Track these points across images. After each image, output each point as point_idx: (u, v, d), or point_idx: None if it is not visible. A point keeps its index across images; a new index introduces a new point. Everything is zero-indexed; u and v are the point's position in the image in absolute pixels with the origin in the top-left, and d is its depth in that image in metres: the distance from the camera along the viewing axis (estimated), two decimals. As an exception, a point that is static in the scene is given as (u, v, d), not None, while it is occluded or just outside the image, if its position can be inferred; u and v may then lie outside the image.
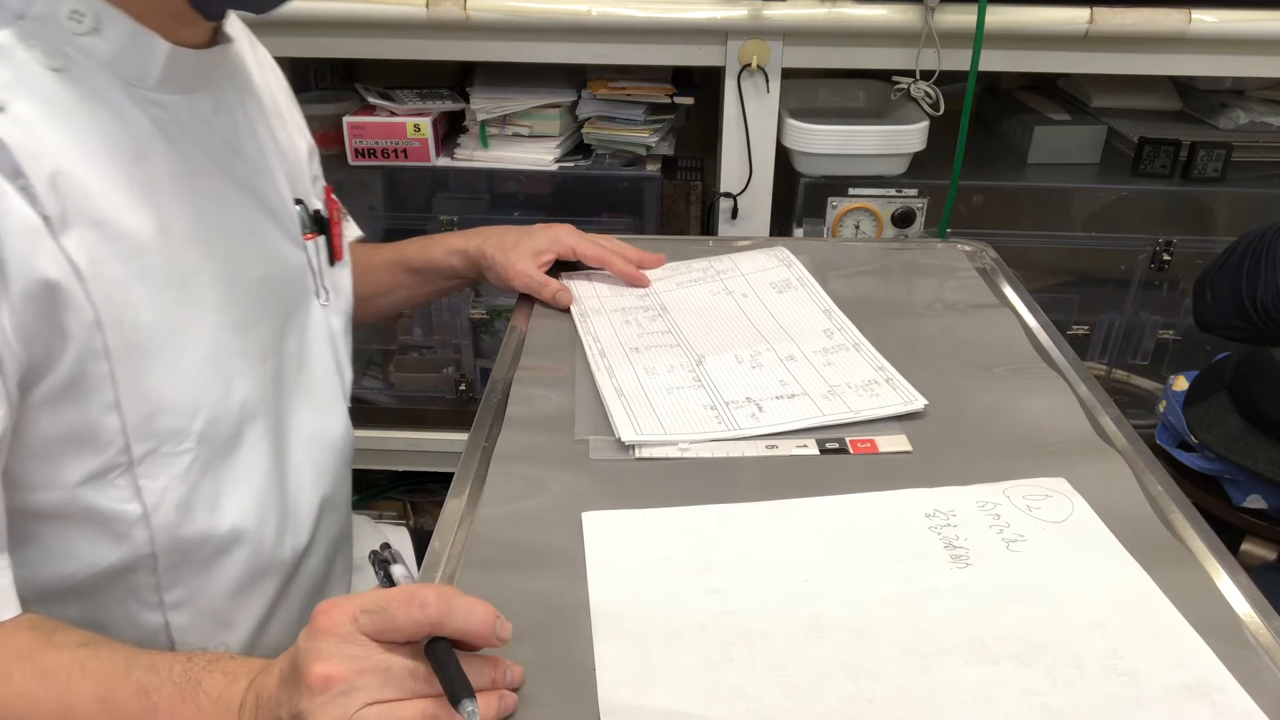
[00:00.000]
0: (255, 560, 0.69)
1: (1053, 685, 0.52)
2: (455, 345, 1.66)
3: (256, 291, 0.69)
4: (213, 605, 0.68)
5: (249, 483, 0.68)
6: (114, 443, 0.59)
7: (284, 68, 1.73)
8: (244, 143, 0.70)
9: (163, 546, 0.63)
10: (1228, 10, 1.30)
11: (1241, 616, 0.57)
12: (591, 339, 0.86)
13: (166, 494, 0.62)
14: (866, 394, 0.77)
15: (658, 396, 0.77)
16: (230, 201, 0.67)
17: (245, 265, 0.68)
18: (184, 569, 0.66)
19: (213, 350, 0.64)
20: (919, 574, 0.60)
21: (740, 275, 0.97)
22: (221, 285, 0.65)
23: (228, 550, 0.67)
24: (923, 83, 1.36)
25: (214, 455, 0.65)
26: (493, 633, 0.50)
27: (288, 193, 0.75)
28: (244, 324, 0.67)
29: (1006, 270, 1.02)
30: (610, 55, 1.37)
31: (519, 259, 0.94)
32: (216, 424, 0.64)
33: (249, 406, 0.67)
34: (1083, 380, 0.82)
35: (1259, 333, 1.10)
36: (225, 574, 0.68)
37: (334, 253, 0.79)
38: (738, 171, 1.44)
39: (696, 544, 0.63)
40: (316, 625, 0.49)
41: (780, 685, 0.52)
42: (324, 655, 0.47)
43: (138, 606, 0.65)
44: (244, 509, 0.67)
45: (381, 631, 0.48)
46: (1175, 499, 0.67)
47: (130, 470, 0.60)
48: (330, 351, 0.77)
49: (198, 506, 0.64)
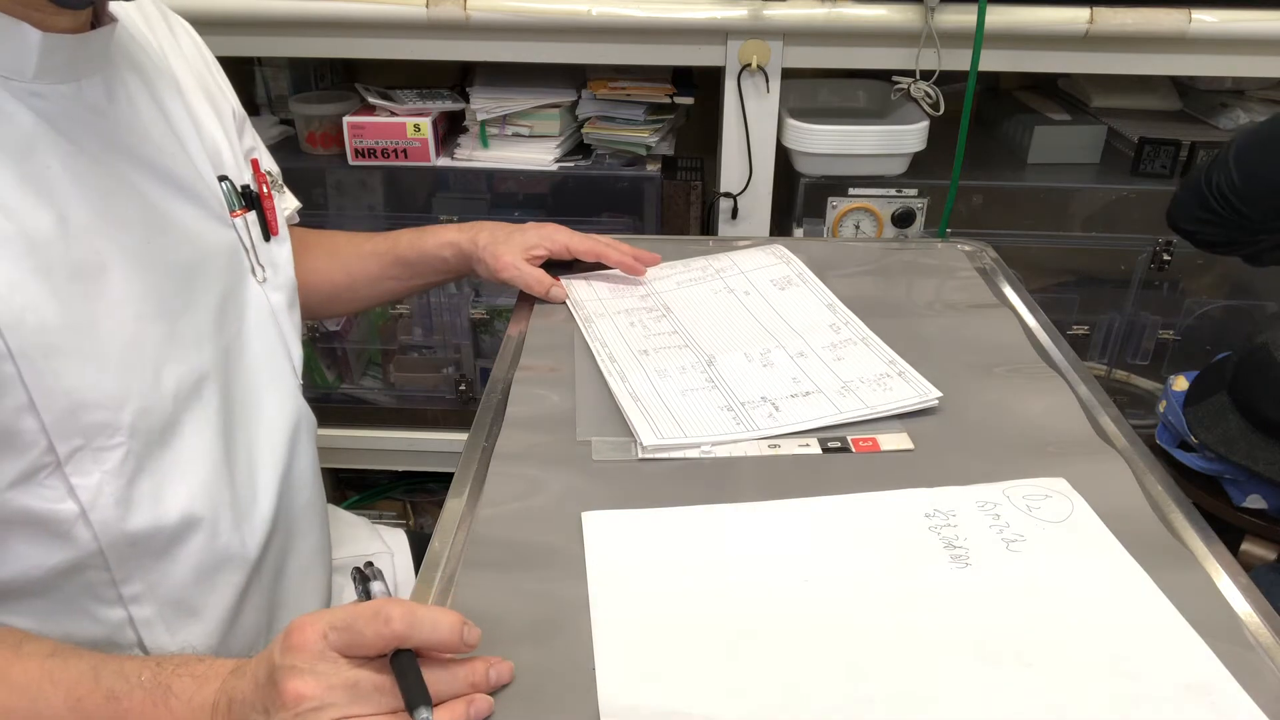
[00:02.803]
0: (213, 547, 0.68)
1: (1052, 685, 0.52)
2: (455, 345, 1.66)
3: (180, 276, 0.66)
4: (175, 595, 0.67)
5: (194, 470, 0.66)
6: (36, 443, 0.57)
7: (284, 67, 1.72)
8: (149, 125, 0.67)
9: (109, 542, 0.62)
10: (1228, 10, 1.30)
11: (1241, 616, 0.57)
12: (599, 344, 0.85)
13: (103, 490, 0.61)
14: (880, 388, 0.77)
15: (673, 399, 0.77)
16: (137, 187, 0.65)
17: (163, 251, 0.65)
18: (137, 562, 0.64)
19: (134, 340, 0.62)
20: (919, 574, 0.60)
21: (740, 273, 0.97)
22: (137, 274, 0.63)
23: (181, 539, 0.66)
24: (923, 83, 1.36)
25: (150, 446, 0.63)
26: (460, 640, 0.51)
27: (208, 170, 0.72)
28: (170, 311, 0.65)
29: (1006, 270, 1.02)
30: (610, 55, 1.37)
31: (507, 252, 0.94)
32: (148, 414, 0.63)
33: (184, 394, 0.65)
34: (1083, 380, 0.82)
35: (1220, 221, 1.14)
36: (183, 563, 0.67)
37: (268, 228, 0.76)
38: (738, 171, 1.44)
39: (697, 544, 0.63)
40: (290, 641, 0.50)
41: (780, 685, 0.52)
42: (296, 672, 0.49)
43: (96, 603, 0.64)
44: (192, 497, 0.66)
45: (349, 647, 0.50)
46: (1175, 499, 0.67)
47: (59, 470, 0.59)
48: (274, 330, 0.75)
49: (139, 499, 0.63)
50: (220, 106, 0.77)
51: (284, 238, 0.79)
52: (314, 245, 0.98)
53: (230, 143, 0.76)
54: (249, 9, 1.33)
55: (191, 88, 0.74)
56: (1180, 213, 1.20)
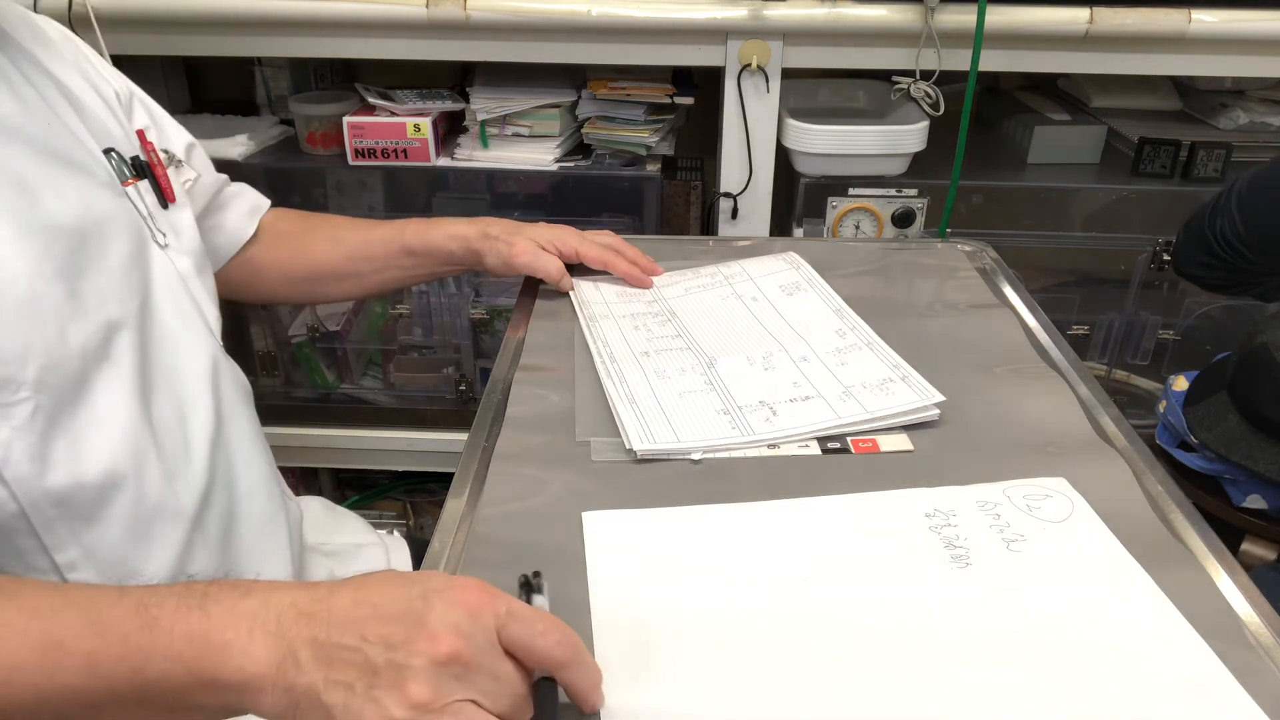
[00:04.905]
0: (143, 505, 0.68)
1: (1053, 685, 0.52)
2: (455, 345, 1.66)
3: (73, 241, 0.67)
4: (113, 558, 0.66)
5: (112, 426, 0.66)
6: None
7: (284, 67, 1.72)
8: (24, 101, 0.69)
9: (29, 503, 0.62)
10: (1228, 10, 1.30)
11: (1241, 616, 0.57)
12: (600, 345, 0.85)
13: (13, 446, 0.60)
14: (882, 394, 0.76)
15: (669, 401, 0.76)
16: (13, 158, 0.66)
17: (51, 216, 0.66)
18: (66, 525, 0.64)
19: (30, 299, 0.62)
20: (919, 574, 0.60)
21: (749, 279, 0.96)
22: (26, 235, 0.63)
23: (107, 498, 0.66)
24: (923, 83, 1.36)
25: (61, 403, 0.63)
26: (594, 697, 0.50)
27: (92, 144, 0.73)
28: (66, 273, 0.65)
29: (1006, 270, 1.02)
30: (610, 55, 1.37)
31: (521, 239, 0.94)
32: (54, 370, 0.63)
33: (91, 352, 0.66)
34: (1083, 380, 0.82)
35: (1226, 266, 1.14)
36: (114, 524, 0.66)
37: (164, 195, 0.78)
38: (738, 171, 1.44)
39: (697, 544, 0.63)
40: (463, 596, 0.47)
41: (781, 686, 0.52)
42: (460, 630, 0.46)
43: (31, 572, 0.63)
44: (114, 453, 0.66)
45: (515, 641, 0.48)
46: (1175, 499, 0.67)
47: None
48: (184, 292, 0.76)
49: (55, 456, 0.63)
50: (100, 88, 0.79)
51: (183, 205, 0.80)
52: (316, 227, 0.99)
53: (118, 120, 0.78)
54: (249, 9, 1.33)
55: (66, 72, 0.75)
56: (1185, 259, 1.21)
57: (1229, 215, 1.12)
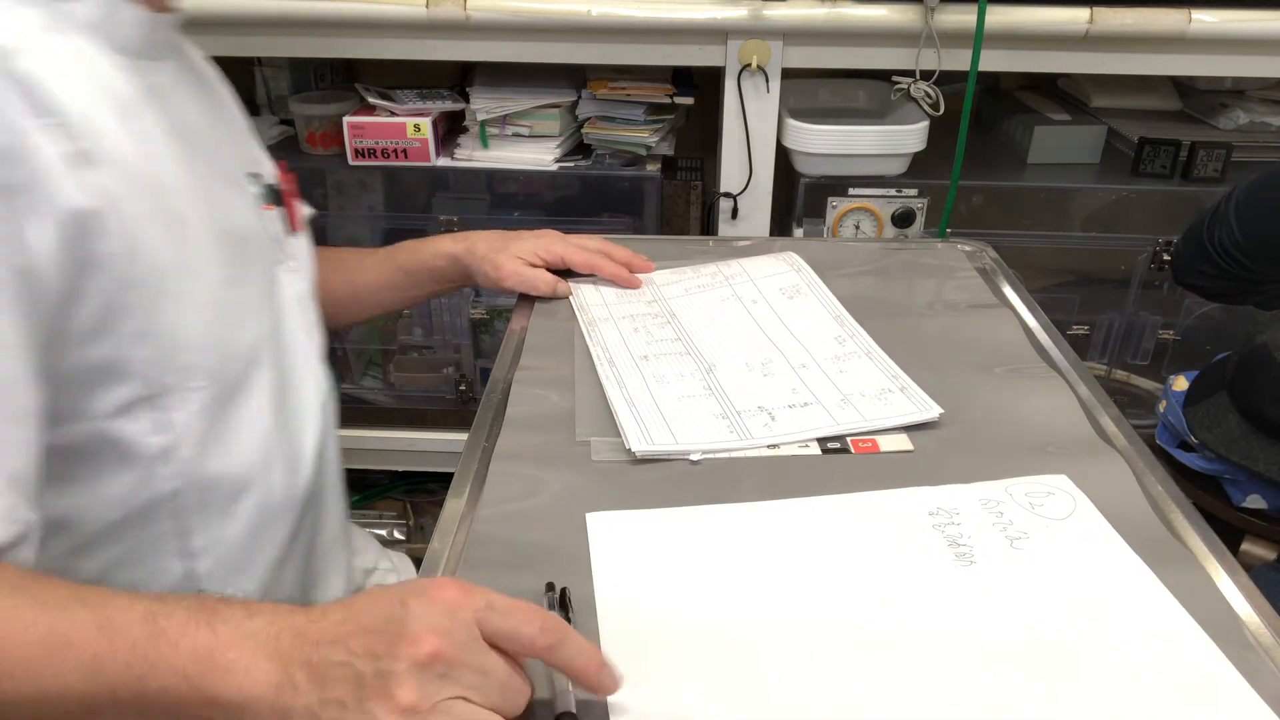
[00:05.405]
0: (266, 504, 0.72)
1: (1059, 684, 0.52)
2: (455, 345, 1.66)
3: (241, 249, 0.71)
4: (230, 551, 0.70)
5: (256, 426, 0.70)
6: (140, 374, 0.61)
7: (284, 67, 1.72)
8: (202, 113, 0.73)
9: (186, 484, 0.65)
10: (1228, 10, 1.30)
11: (1241, 616, 0.57)
12: (600, 349, 0.85)
13: (188, 429, 0.64)
14: (880, 403, 0.76)
15: (668, 405, 0.77)
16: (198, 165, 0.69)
17: (227, 223, 0.70)
18: (202, 514, 0.67)
19: (217, 295, 0.66)
20: (923, 572, 0.60)
21: (749, 281, 0.96)
22: (212, 238, 0.67)
23: (241, 493, 0.69)
24: (923, 83, 1.36)
25: (226, 396, 0.67)
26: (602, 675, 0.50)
27: (244, 165, 0.77)
28: (237, 278, 0.69)
29: (1006, 270, 1.02)
30: (610, 55, 1.37)
31: (508, 260, 0.95)
32: (226, 365, 0.67)
33: (250, 354, 0.70)
34: (1083, 380, 0.82)
35: (1226, 275, 1.14)
36: (240, 517, 0.70)
37: (292, 223, 0.82)
38: (738, 171, 1.44)
39: (702, 544, 0.63)
40: (440, 595, 0.48)
41: (785, 685, 0.52)
42: (439, 630, 0.46)
43: (163, 554, 0.67)
44: (253, 451, 0.70)
45: (497, 633, 0.48)
46: (1175, 499, 0.67)
47: (153, 403, 0.62)
48: (301, 314, 0.80)
49: (213, 445, 0.66)
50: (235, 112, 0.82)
51: (304, 235, 0.85)
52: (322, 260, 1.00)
53: (259, 146, 0.83)
54: (249, 9, 1.33)
55: (226, 94, 0.80)
56: (1185, 269, 1.21)
57: (1228, 224, 1.12)
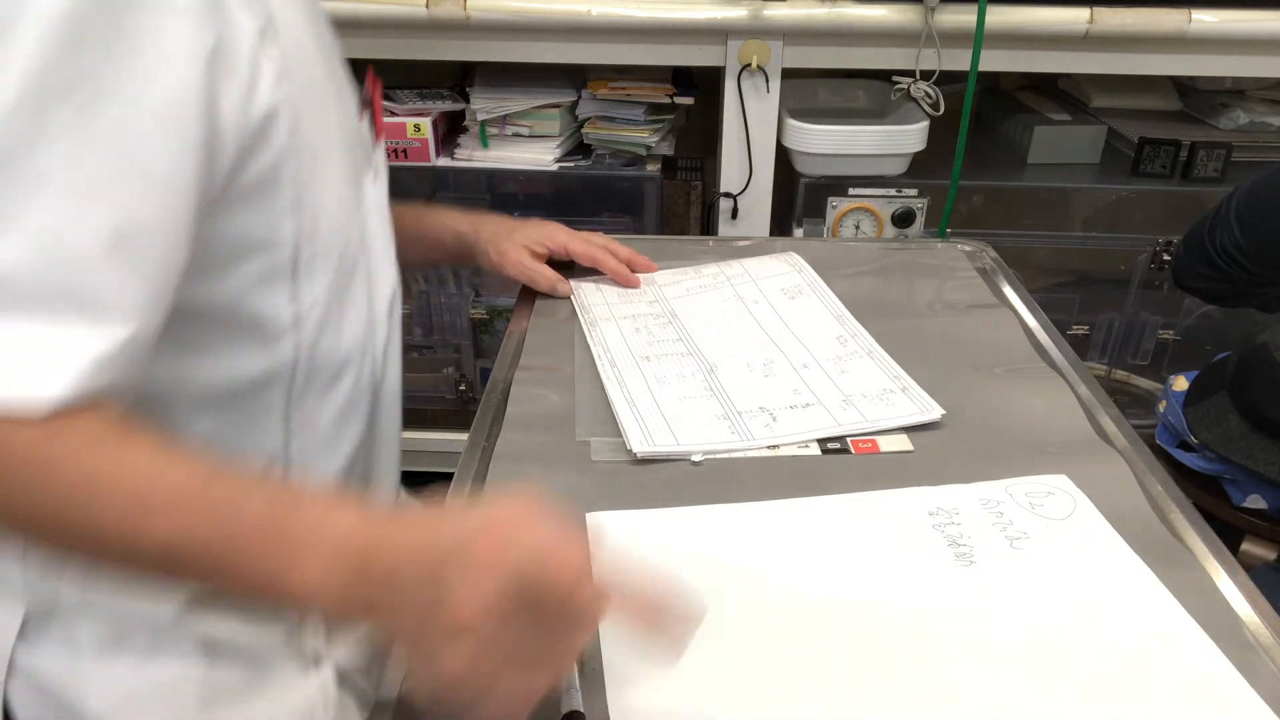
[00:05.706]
0: (355, 389, 0.72)
1: (1058, 682, 0.52)
2: (455, 345, 1.66)
3: (352, 148, 0.72)
4: (324, 430, 0.71)
5: (356, 316, 0.71)
6: (286, 246, 0.62)
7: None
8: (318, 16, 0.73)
9: (303, 358, 0.66)
10: (1228, 10, 1.30)
11: (1241, 616, 0.57)
12: (602, 349, 0.85)
13: (314, 306, 0.65)
14: (882, 403, 0.76)
15: (670, 406, 0.76)
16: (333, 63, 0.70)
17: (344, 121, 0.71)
18: (307, 390, 0.68)
19: (346, 194, 0.68)
20: (923, 572, 0.60)
21: (751, 281, 0.96)
22: (339, 130, 0.68)
23: (340, 375, 0.70)
24: (923, 83, 1.36)
25: (342, 283, 0.69)
26: None
27: None
28: (350, 175, 0.71)
29: (1006, 270, 1.02)
30: (610, 55, 1.37)
31: (512, 248, 0.95)
32: (346, 255, 0.68)
33: (357, 247, 0.71)
34: (1083, 380, 0.82)
35: (1228, 278, 1.14)
36: (334, 400, 0.71)
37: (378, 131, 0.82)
38: (738, 171, 1.44)
39: (703, 544, 0.63)
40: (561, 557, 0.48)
41: (785, 685, 0.52)
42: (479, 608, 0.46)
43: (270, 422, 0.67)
44: (355, 336, 0.71)
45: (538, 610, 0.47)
46: (1175, 499, 0.67)
47: (291, 278, 0.63)
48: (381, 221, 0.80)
49: (329, 324, 0.67)
50: None
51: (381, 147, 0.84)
52: None
53: None
54: (249, 9, 1.33)
55: None
56: (1185, 272, 1.21)
57: (1228, 226, 1.12)
